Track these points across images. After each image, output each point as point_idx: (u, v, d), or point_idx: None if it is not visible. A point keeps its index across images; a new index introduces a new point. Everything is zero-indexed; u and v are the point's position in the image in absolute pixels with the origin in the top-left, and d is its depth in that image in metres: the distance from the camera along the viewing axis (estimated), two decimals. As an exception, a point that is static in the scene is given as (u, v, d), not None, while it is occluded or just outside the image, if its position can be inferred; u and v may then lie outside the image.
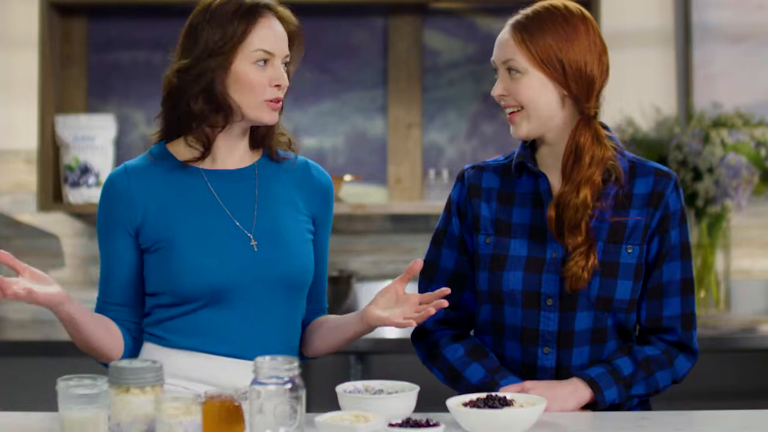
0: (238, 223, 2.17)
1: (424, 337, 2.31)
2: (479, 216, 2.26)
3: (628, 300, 2.18)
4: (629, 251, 2.19)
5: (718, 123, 3.91)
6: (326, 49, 4.02)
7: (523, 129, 2.20)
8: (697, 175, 3.84)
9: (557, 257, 2.18)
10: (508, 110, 2.20)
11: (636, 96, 4.01)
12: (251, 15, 2.14)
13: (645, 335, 2.24)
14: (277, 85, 2.15)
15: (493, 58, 2.23)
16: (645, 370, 2.18)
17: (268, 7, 2.16)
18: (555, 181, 2.23)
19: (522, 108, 2.18)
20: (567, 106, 2.20)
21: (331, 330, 2.24)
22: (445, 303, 2.06)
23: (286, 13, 2.20)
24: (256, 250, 2.16)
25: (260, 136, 2.24)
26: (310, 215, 2.25)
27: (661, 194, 2.20)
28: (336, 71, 4.02)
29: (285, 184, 2.25)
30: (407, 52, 4.05)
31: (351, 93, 4.05)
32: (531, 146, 2.28)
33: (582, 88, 2.18)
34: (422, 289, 2.31)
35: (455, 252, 2.29)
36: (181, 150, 2.20)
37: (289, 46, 2.21)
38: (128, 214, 2.16)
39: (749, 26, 4.02)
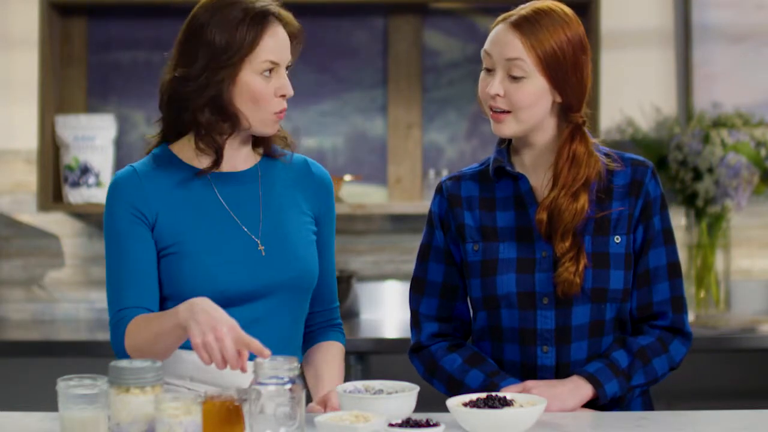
0: (245, 228, 2.16)
1: (421, 352, 2.31)
2: (463, 225, 2.26)
3: (622, 289, 2.20)
4: (617, 241, 2.20)
5: (718, 123, 3.91)
6: (326, 49, 4.02)
7: (510, 130, 2.19)
8: (697, 175, 3.84)
9: (548, 255, 2.19)
10: (496, 110, 2.18)
11: (636, 96, 4.01)
12: (258, 24, 2.10)
13: (637, 324, 2.25)
14: (282, 95, 2.13)
15: (490, 52, 2.19)
16: (642, 360, 2.18)
17: (273, 14, 2.13)
18: (535, 182, 2.24)
19: (511, 111, 2.17)
20: (553, 114, 2.21)
21: (310, 375, 2.25)
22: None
23: (289, 16, 2.18)
24: (264, 255, 2.15)
25: (259, 136, 2.24)
26: (312, 214, 2.25)
27: (640, 182, 2.22)
28: (336, 71, 4.02)
29: (287, 184, 2.24)
30: (407, 52, 4.05)
31: (351, 93, 4.05)
32: (507, 149, 2.28)
33: (577, 97, 2.19)
34: (414, 304, 2.31)
35: (442, 264, 2.29)
36: (186, 151, 2.19)
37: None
38: (144, 208, 2.13)
39: (749, 26, 4.02)
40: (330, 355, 2.27)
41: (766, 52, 4.02)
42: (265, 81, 2.12)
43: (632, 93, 4.01)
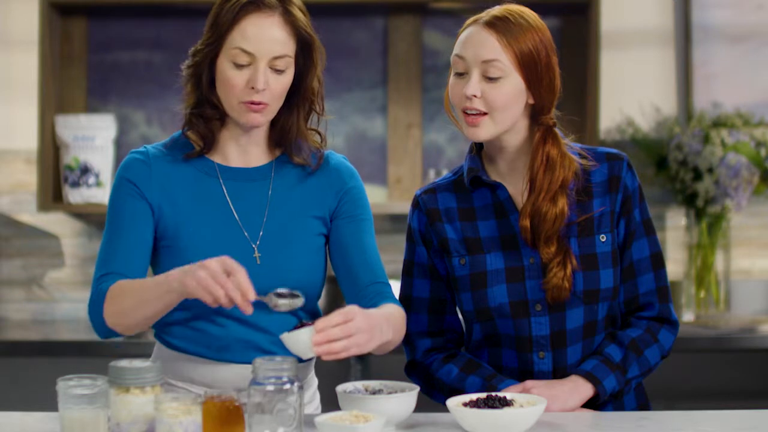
0: (245, 233, 2.13)
1: (417, 369, 2.29)
2: (447, 239, 2.24)
3: (612, 287, 2.20)
4: (603, 240, 2.20)
5: (718, 123, 3.92)
6: (326, 49, 4.00)
7: (486, 133, 2.16)
8: (697, 175, 3.84)
9: (535, 262, 2.18)
10: (471, 112, 2.15)
11: (636, 96, 4.01)
12: (239, 10, 2.05)
13: (624, 317, 2.26)
14: (253, 87, 2.06)
15: (463, 56, 2.15)
16: (635, 352, 2.19)
17: (267, 5, 2.07)
18: (512, 189, 2.23)
19: (488, 113, 2.14)
20: (525, 116, 2.20)
21: None
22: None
23: (298, 16, 2.10)
24: (258, 263, 2.11)
25: (277, 134, 2.19)
26: (325, 214, 2.19)
27: (617, 177, 2.22)
28: (336, 71, 4.02)
29: (300, 184, 2.19)
30: (407, 52, 4.05)
31: (351, 93, 4.05)
32: (479, 157, 2.26)
33: (549, 98, 2.18)
34: None
35: (428, 280, 2.27)
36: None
37: (303, 52, 2.14)
38: (149, 195, 2.12)
39: (749, 26, 4.03)
40: (383, 308, 2.09)
41: (766, 52, 4.02)
42: (235, 69, 2.07)
43: (632, 93, 4.01)
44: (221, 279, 1.87)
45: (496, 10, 2.17)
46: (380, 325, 1.96)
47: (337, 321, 1.87)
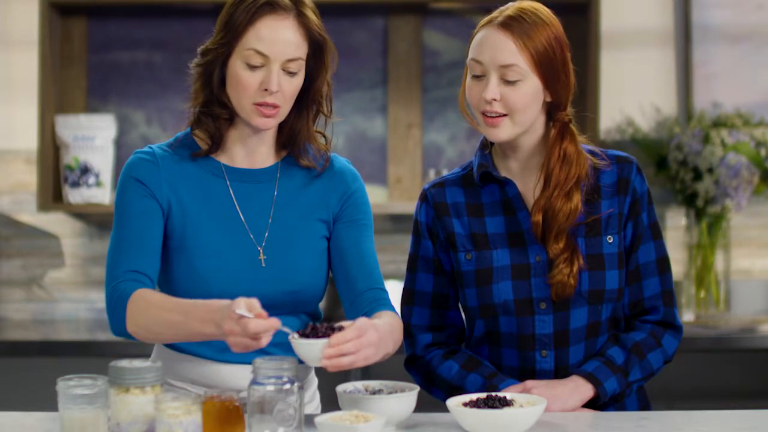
0: (251, 236, 2.12)
1: (416, 363, 2.29)
2: (453, 233, 2.23)
3: (617, 289, 2.20)
4: (610, 241, 2.20)
5: (718, 123, 3.92)
6: (326, 49, 4.01)
7: (506, 134, 2.16)
8: (697, 175, 3.84)
9: (542, 260, 2.18)
10: (491, 114, 2.15)
11: (636, 96, 4.01)
12: (255, 11, 2.05)
13: (628, 320, 2.26)
14: (266, 89, 2.06)
15: (480, 60, 2.15)
16: (637, 355, 2.19)
17: (282, 7, 2.07)
18: (522, 186, 2.23)
19: (507, 114, 2.15)
20: (542, 113, 2.20)
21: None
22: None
23: (311, 18, 2.11)
24: (263, 265, 2.11)
25: (285, 136, 2.18)
26: (329, 217, 2.19)
27: (627, 180, 2.23)
28: (336, 71, 4.01)
29: (305, 186, 2.19)
30: (407, 52, 4.05)
31: (351, 93, 4.05)
32: (489, 152, 2.26)
33: (565, 94, 2.18)
34: (406, 316, 2.28)
35: (431, 274, 2.27)
36: (207, 139, 2.15)
37: (315, 54, 2.13)
38: (158, 191, 2.11)
39: (749, 26, 4.03)
40: (381, 316, 2.08)
41: (766, 52, 4.02)
42: (248, 70, 2.06)
43: (632, 93, 4.01)
44: (247, 341, 1.83)
45: (510, 9, 2.16)
46: (386, 338, 1.97)
47: (352, 337, 1.86)
